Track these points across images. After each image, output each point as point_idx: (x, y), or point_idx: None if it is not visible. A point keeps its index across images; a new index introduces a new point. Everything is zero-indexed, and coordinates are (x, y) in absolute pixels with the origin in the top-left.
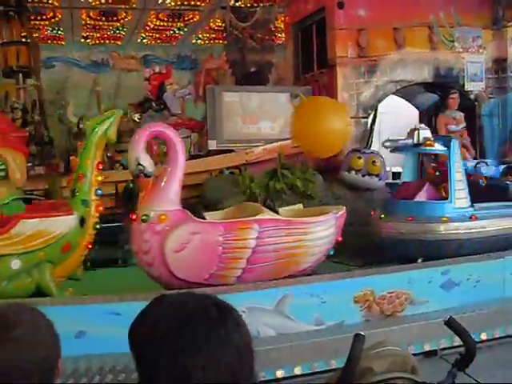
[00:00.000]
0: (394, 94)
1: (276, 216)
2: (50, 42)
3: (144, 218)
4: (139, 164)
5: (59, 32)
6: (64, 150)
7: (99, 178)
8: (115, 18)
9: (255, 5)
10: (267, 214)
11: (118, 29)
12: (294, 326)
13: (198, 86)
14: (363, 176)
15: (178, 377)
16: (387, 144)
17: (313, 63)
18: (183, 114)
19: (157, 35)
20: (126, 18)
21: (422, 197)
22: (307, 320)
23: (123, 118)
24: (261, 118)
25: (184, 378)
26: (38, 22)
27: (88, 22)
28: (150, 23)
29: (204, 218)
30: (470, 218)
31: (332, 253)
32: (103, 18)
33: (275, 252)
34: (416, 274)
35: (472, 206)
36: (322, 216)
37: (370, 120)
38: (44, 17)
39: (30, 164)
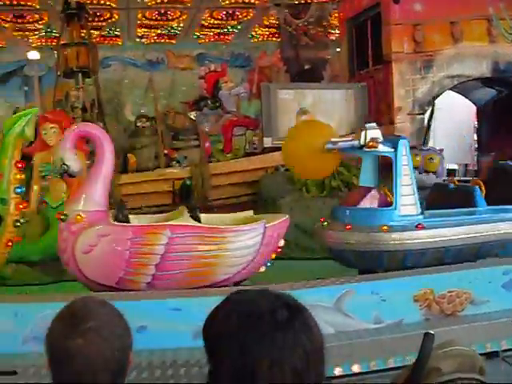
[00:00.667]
0: (450, 89)
1: (192, 223)
2: (106, 42)
3: (62, 217)
4: (64, 164)
5: (116, 32)
6: (120, 149)
7: (18, 177)
8: (170, 18)
9: (309, 1)
10: (184, 221)
11: (172, 28)
12: (352, 323)
13: (252, 83)
14: (420, 173)
15: (243, 375)
16: (329, 146)
17: (368, 59)
18: (238, 111)
19: (211, 33)
20: (180, 17)
21: (366, 203)
22: (366, 318)
23: (179, 116)
24: (315, 115)
25: (249, 376)
26: (95, 23)
27: (144, 21)
28: (204, 22)
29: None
30: (416, 226)
31: (269, 264)
32: (158, 18)
33: (188, 260)
34: (476, 273)
35: (422, 213)
36: (246, 225)
37: (426, 116)
38: (101, 18)
39: (88, 162)
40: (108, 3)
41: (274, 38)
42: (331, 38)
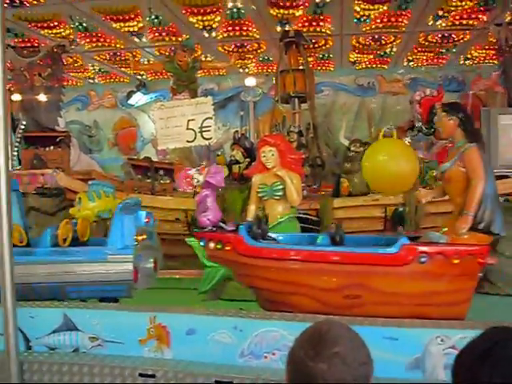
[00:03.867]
0: None
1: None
2: (319, 67)
3: None
4: None
5: (328, 58)
6: (330, 172)
7: None
8: (384, 42)
9: None
10: None
11: (385, 53)
12: None
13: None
14: None
15: None
16: None
17: None
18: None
19: (424, 57)
20: (394, 41)
21: None
22: None
23: None
24: None
25: None
26: (309, 49)
27: (357, 47)
28: (417, 46)
29: None
30: None
31: None
32: (372, 43)
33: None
34: None
35: None
36: None
37: None
38: (316, 44)
39: (303, 184)
40: (323, 30)
41: (491, 60)
42: None
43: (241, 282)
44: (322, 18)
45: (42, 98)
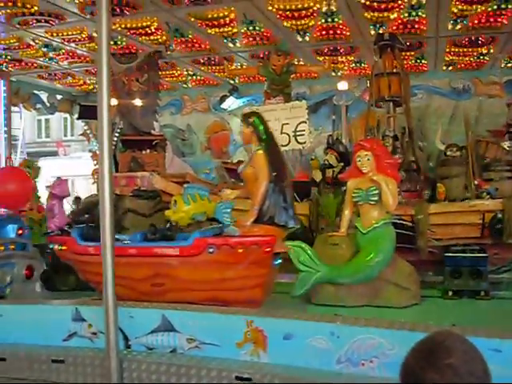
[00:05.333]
0: None
1: None
2: (413, 70)
3: None
4: None
5: (423, 61)
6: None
7: None
8: (481, 43)
9: None
10: None
11: (481, 54)
12: None
13: None
14: None
15: None
16: None
17: None
18: None
19: None
20: (491, 43)
21: None
22: None
23: (492, 146)
24: None
25: None
26: (404, 53)
27: (452, 49)
28: None
29: None
30: None
31: None
32: (468, 45)
33: None
34: None
35: None
36: None
37: None
38: (411, 47)
39: (398, 190)
40: (418, 32)
41: None
42: None
43: (81, 277)
44: (417, 20)
45: (139, 102)
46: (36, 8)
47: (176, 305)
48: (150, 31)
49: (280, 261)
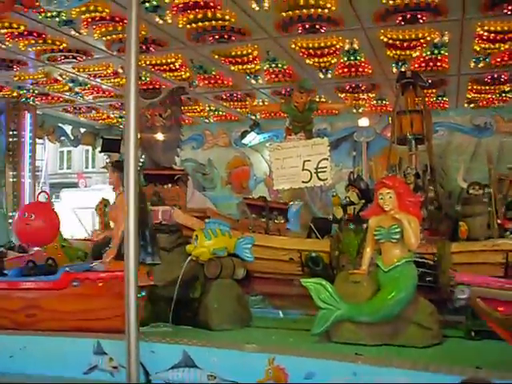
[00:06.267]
0: None
1: None
2: (434, 108)
3: None
4: None
5: (444, 98)
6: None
7: None
8: (503, 81)
9: None
10: None
11: (504, 92)
12: None
13: None
14: None
15: None
16: None
17: None
18: None
19: None
20: None
21: None
22: None
23: None
24: None
25: None
26: (426, 90)
27: (474, 87)
28: None
29: None
30: None
31: None
32: (490, 82)
33: None
34: None
35: None
36: None
37: None
38: (433, 85)
39: (419, 228)
40: (440, 70)
41: None
42: None
43: None
44: (439, 58)
45: (161, 137)
46: (65, 45)
47: (197, 341)
48: (174, 67)
49: (144, 294)
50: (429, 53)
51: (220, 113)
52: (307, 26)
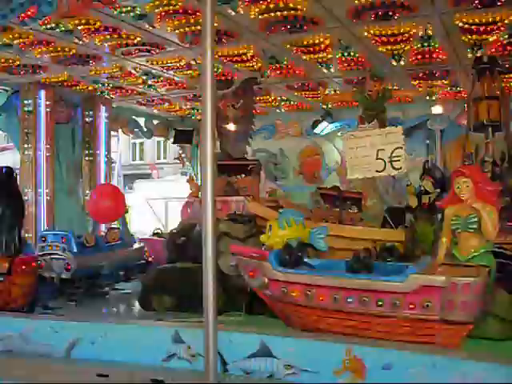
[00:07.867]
0: None
1: None
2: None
3: None
4: None
5: None
6: None
7: None
8: None
9: None
10: None
11: None
12: None
13: None
14: None
15: None
16: None
17: None
18: None
19: None
20: None
21: None
22: None
23: None
24: None
25: None
26: (503, 76)
27: None
28: None
29: None
30: None
31: None
32: None
33: None
34: None
35: None
36: None
37: None
38: (511, 70)
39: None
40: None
41: None
42: None
43: None
44: None
45: (233, 127)
46: (139, 39)
47: (275, 330)
48: (245, 58)
49: None
50: (506, 36)
51: (291, 102)
52: (380, 13)
